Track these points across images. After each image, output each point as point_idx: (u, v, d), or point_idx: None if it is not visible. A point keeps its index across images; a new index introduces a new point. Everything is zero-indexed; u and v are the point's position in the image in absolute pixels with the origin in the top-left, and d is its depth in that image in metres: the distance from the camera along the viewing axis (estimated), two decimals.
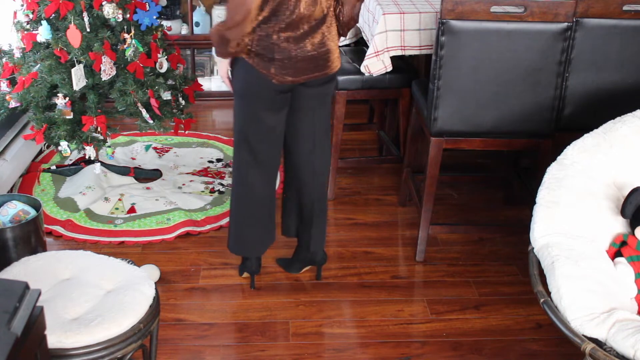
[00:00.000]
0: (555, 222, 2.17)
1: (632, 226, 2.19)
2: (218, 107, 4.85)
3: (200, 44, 4.84)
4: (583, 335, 1.88)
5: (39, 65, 3.19)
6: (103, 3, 3.14)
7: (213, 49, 2.55)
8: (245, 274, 2.97)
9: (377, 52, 3.25)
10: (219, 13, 4.80)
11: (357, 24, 3.71)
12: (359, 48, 3.80)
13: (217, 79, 4.95)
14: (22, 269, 2.14)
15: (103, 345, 1.92)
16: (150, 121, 3.35)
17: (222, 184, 3.72)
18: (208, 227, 3.34)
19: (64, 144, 3.23)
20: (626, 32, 2.81)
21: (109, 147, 3.50)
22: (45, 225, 2.91)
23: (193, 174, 3.84)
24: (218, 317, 2.74)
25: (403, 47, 3.27)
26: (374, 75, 3.35)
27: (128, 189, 3.63)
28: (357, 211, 3.51)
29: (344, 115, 3.50)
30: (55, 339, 1.86)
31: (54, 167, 3.79)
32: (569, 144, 2.37)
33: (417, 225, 3.11)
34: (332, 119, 3.38)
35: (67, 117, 3.19)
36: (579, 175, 2.27)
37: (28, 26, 3.25)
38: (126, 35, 3.21)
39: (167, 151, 4.10)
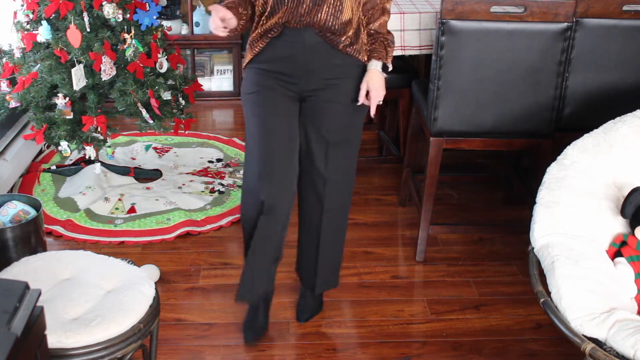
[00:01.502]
0: (555, 222, 2.17)
1: (632, 226, 2.19)
2: (218, 107, 4.86)
3: (200, 44, 4.84)
4: (583, 335, 1.88)
5: (39, 65, 3.19)
6: (103, 3, 3.14)
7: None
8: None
9: None
10: None
11: None
12: None
13: (216, 79, 4.96)
14: (22, 269, 2.14)
15: (103, 345, 1.92)
16: (150, 121, 3.35)
17: (222, 184, 3.72)
18: (208, 227, 3.34)
19: (64, 144, 3.23)
20: (626, 32, 2.81)
21: (109, 147, 3.50)
22: (45, 225, 2.91)
23: (193, 174, 3.84)
24: (218, 317, 2.74)
25: (403, 47, 3.28)
26: None
27: (128, 189, 3.63)
28: (357, 211, 3.51)
29: None
30: (55, 339, 1.86)
31: (54, 167, 3.79)
32: (569, 144, 2.37)
33: (417, 225, 3.11)
34: None
35: (67, 117, 3.19)
36: (579, 175, 2.27)
37: (28, 26, 3.25)
38: (126, 35, 3.22)
39: (167, 151, 4.10)
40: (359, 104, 2.38)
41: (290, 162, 2.40)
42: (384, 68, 2.40)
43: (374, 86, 2.35)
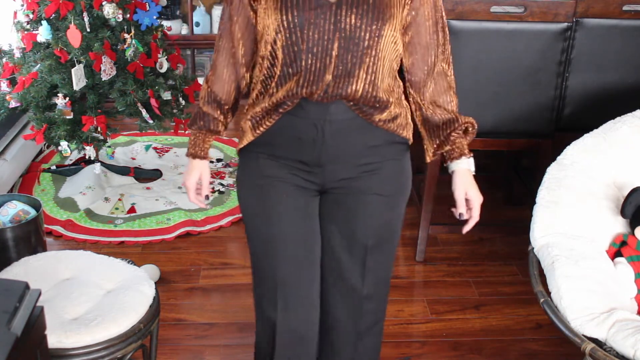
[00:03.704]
0: (555, 222, 2.17)
1: (632, 226, 2.19)
2: None
3: (200, 44, 4.84)
4: (583, 335, 1.88)
5: (39, 65, 3.19)
6: (103, 3, 3.14)
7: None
8: None
9: None
10: (219, 13, 4.80)
11: None
12: None
13: None
14: (22, 269, 2.14)
15: (103, 345, 1.92)
16: (150, 121, 3.35)
17: (222, 184, 3.72)
18: (208, 227, 3.34)
19: (64, 144, 3.23)
20: (626, 32, 2.81)
21: (109, 147, 3.50)
22: (45, 225, 2.91)
23: None
24: (218, 317, 2.74)
25: None
26: None
27: (128, 189, 3.63)
28: None
29: None
30: (55, 339, 1.86)
31: (54, 167, 3.79)
32: (569, 144, 2.37)
33: (417, 225, 3.11)
34: None
35: (67, 117, 3.19)
36: (579, 175, 2.27)
37: (28, 26, 3.25)
38: (126, 35, 3.22)
39: (167, 151, 4.10)
40: (464, 218, 1.80)
41: (311, 279, 1.84)
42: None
43: (475, 194, 1.78)
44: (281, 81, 1.67)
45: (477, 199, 1.78)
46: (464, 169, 1.80)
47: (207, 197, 1.89)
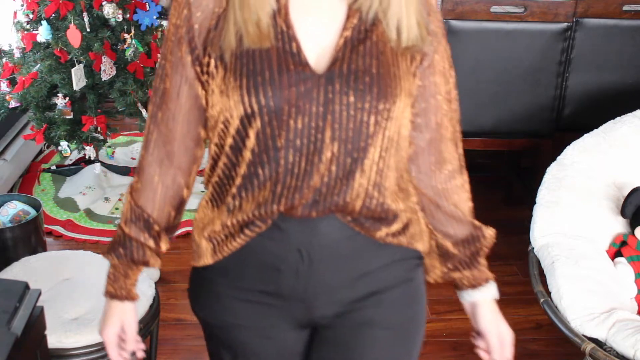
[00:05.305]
0: (555, 222, 2.17)
1: (632, 226, 2.19)
2: None
3: None
4: (583, 335, 1.88)
5: (39, 65, 3.19)
6: (103, 3, 3.14)
7: None
8: None
9: None
10: None
11: None
12: None
13: None
14: (22, 269, 2.14)
15: (103, 345, 1.92)
16: None
17: None
18: None
19: (64, 144, 3.23)
20: (626, 32, 2.81)
21: (109, 147, 3.50)
22: (45, 225, 2.91)
23: None
24: None
25: None
26: None
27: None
28: None
29: None
30: (55, 339, 1.86)
31: (54, 167, 3.79)
32: (569, 144, 2.38)
33: None
34: None
35: (67, 117, 3.19)
36: (579, 175, 2.27)
37: (28, 26, 3.25)
38: (126, 35, 3.21)
39: None
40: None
41: None
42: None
43: (507, 330, 1.44)
44: (247, 187, 1.17)
45: (509, 335, 1.41)
46: (491, 299, 1.43)
47: (133, 354, 1.38)
